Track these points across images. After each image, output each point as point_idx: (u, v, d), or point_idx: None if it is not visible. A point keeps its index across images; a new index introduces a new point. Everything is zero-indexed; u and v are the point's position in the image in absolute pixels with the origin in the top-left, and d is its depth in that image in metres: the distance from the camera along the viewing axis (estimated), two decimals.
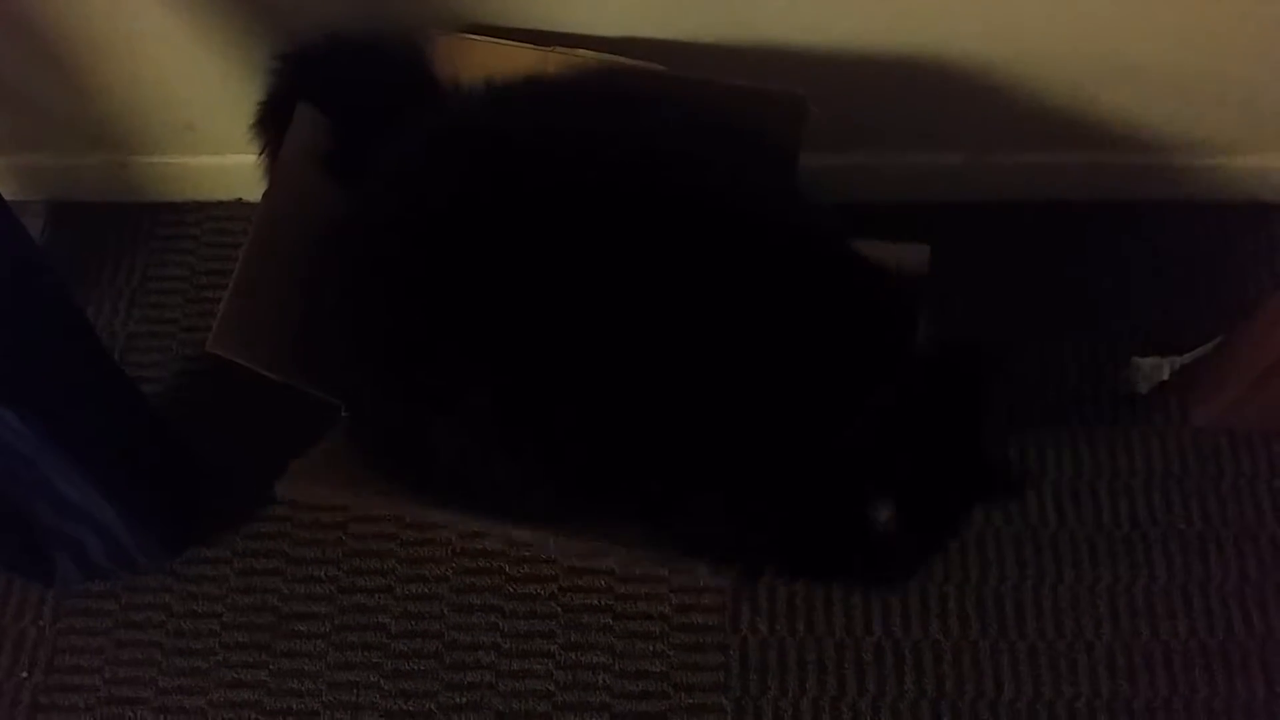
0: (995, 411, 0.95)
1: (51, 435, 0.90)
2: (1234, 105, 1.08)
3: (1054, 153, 1.16)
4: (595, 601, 1.07)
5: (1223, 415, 1.11)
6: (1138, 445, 1.12)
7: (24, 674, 1.06)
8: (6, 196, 0.87)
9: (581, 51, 0.98)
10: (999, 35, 1.00)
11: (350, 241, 0.89)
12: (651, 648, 1.06)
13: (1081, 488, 1.11)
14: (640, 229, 0.82)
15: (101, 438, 0.96)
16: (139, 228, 1.24)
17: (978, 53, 1.02)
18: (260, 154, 1.03)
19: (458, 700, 1.04)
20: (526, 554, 1.09)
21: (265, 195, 0.93)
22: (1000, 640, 1.05)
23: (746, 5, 0.97)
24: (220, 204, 1.24)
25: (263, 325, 0.90)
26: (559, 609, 1.07)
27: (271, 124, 1.02)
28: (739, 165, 0.92)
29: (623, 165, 0.85)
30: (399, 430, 0.88)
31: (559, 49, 0.98)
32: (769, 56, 1.01)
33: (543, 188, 0.84)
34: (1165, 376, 1.13)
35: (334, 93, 0.99)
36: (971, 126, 1.12)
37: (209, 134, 1.14)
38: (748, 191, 0.89)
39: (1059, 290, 1.19)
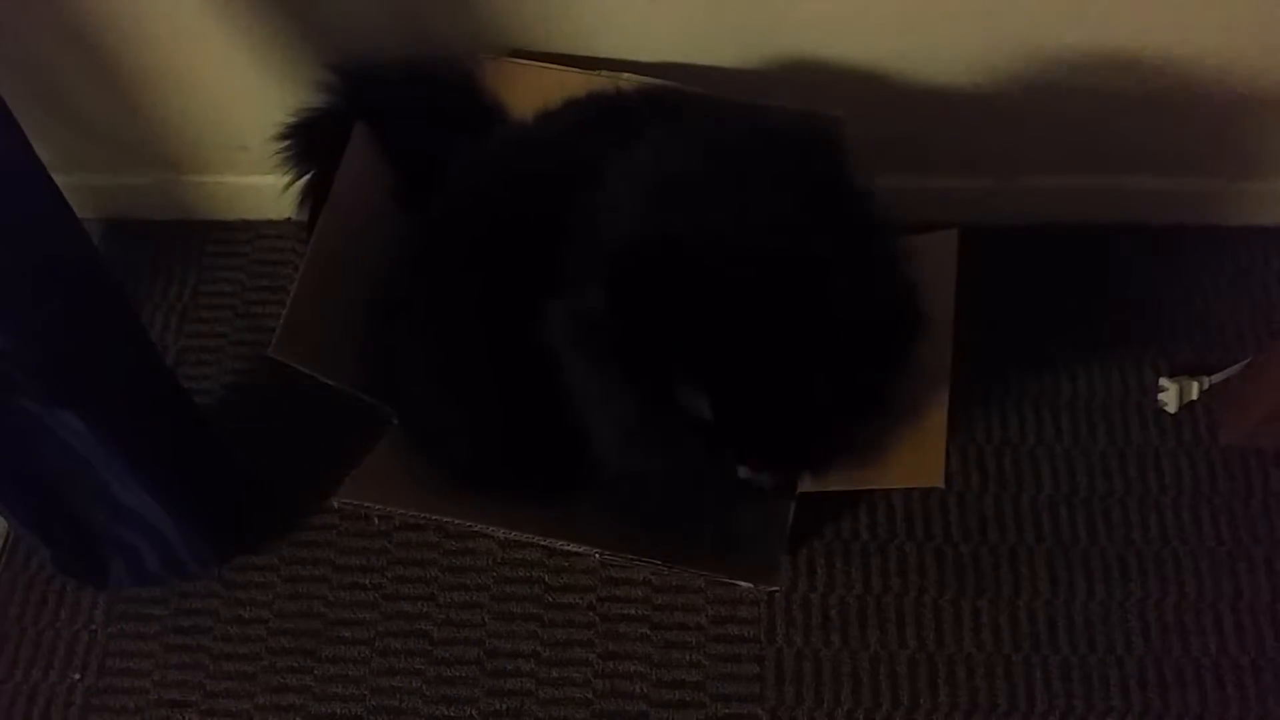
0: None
1: (110, 439, 0.94)
2: (1263, 130, 1.10)
3: (1084, 176, 1.18)
4: (633, 611, 1.09)
5: (1251, 434, 1.12)
6: (1167, 463, 1.14)
7: (76, 676, 1.09)
8: None
9: (626, 76, 1.01)
10: (1031, 60, 1.02)
11: (419, 265, 0.94)
12: (688, 657, 1.07)
13: (1112, 505, 1.12)
14: None
15: (157, 444, 1.00)
16: (191, 245, 1.28)
17: (1010, 77, 1.04)
18: (304, 169, 1.07)
19: (498, 707, 1.06)
20: (565, 564, 1.11)
21: (325, 210, 0.96)
22: (1033, 654, 1.06)
23: (785, 30, 1.00)
24: (270, 223, 1.28)
25: (320, 335, 0.93)
26: (597, 618, 1.09)
27: (321, 141, 1.05)
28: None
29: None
30: (454, 432, 0.91)
31: (604, 73, 1.01)
32: (806, 80, 1.04)
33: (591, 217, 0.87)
34: (1194, 396, 1.15)
35: (387, 114, 1.02)
36: (1003, 150, 1.14)
37: (261, 155, 1.17)
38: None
39: (1089, 311, 1.20)
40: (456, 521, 1.00)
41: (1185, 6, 0.96)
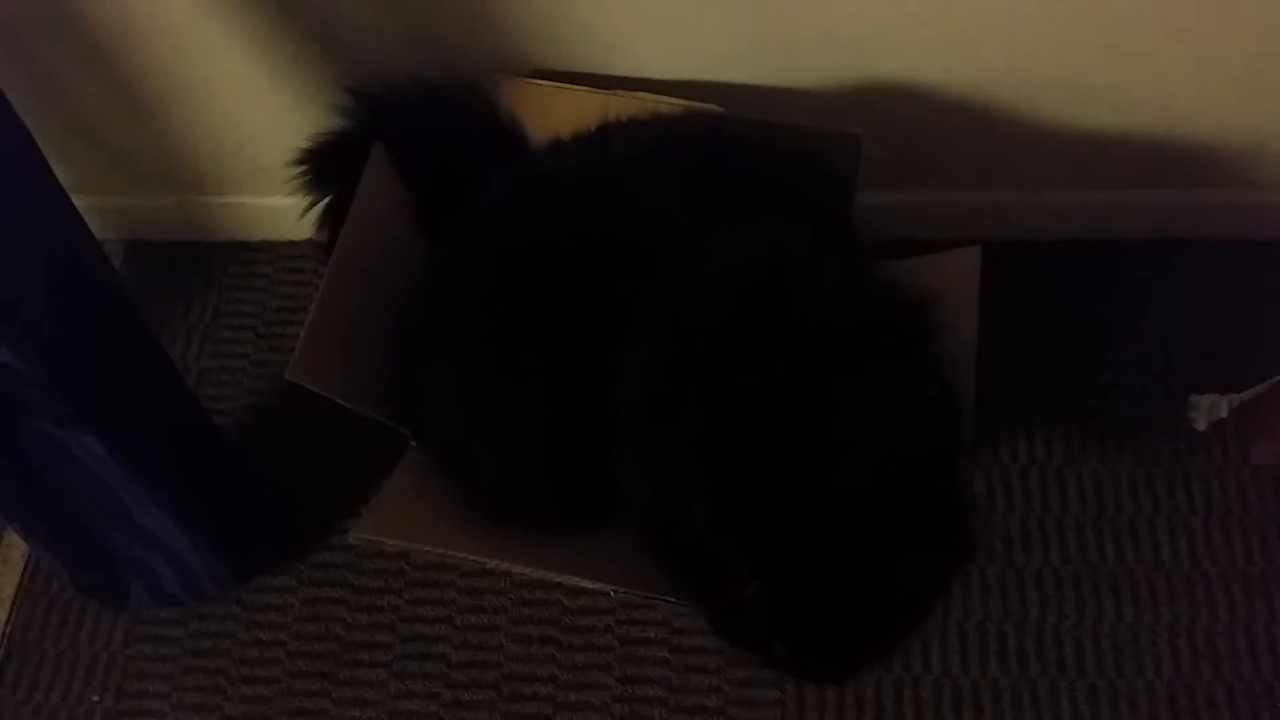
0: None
1: (130, 461, 0.94)
2: None
3: (1109, 191, 1.17)
4: (652, 635, 1.08)
5: None
6: (1197, 483, 1.12)
7: (95, 698, 1.09)
8: None
9: (643, 94, 1.00)
10: (1052, 75, 1.01)
11: (448, 291, 0.94)
12: (707, 682, 1.06)
13: (1140, 525, 1.10)
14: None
15: (177, 466, 1.00)
16: (212, 266, 1.29)
17: (1031, 92, 1.03)
18: (323, 191, 1.07)
19: None
20: (584, 586, 1.10)
21: (344, 231, 0.96)
22: (1060, 679, 1.04)
23: (803, 47, 1.00)
24: (291, 244, 1.28)
25: (338, 357, 0.92)
26: (615, 642, 1.08)
27: (340, 163, 1.05)
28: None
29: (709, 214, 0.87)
30: (483, 462, 0.92)
31: (621, 92, 1.01)
32: (824, 96, 1.03)
33: (624, 240, 0.87)
34: (1224, 414, 1.13)
35: (405, 135, 1.02)
36: (1025, 164, 1.13)
37: (281, 176, 1.17)
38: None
39: (1117, 327, 1.19)
40: (471, 559, 0.98)
41: (1211, 26, 0.95)
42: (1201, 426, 1.13)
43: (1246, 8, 0.94)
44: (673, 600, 0.90)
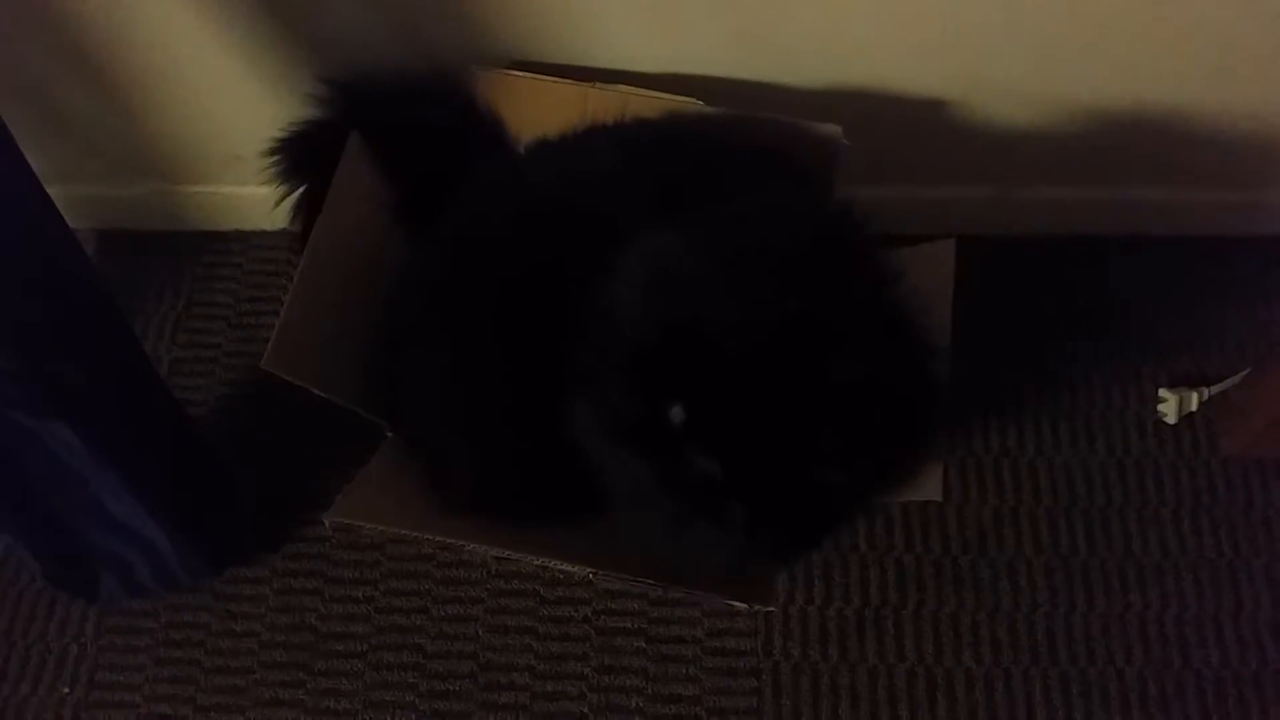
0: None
1: (103, 450, 0.93)
2: (1263, 141, 1.10)
3: (1083, 187, 1.18)
4: (629, 624, 1.08)
5: (1251, 445, 1.12)
6: (1167, 474, 1.13)
7: (66, 690, 1.08)
8: None
9: (621, 87, 1.00)
10: (1029, 73, 1.02)
11: (430, 291, 0.94)
12: (684, 671, 1.06)
13: (1111, 516, 1.11)
14: None
15: (149, 455, 0.99)
16: (185, 256, 1.28)
17: (1008, 89, 1.04)
18: (298, 181, 1.06)
19: None
20: (560, 576, 1.10)
21: (320, 220, 0.95)
22: (1032, 668, 1.06)
23: (782, 42, 1.00)
24: (264, 233, 1.27)
25: (313, 347, 0.92)
26: (593, 631, 1.08)
27: (315, 154, 1.04)
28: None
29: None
30: (459, 458, 0.92)
31: (599, 85, 1.01)
32: (804, 91, 1.04)
33: (594, 243, 0.86)
34: (1194, 407, 1.15)
35: (381, 126, 1.01)
36: (1001, 161, 1.14)
37: (256, 165, 1.17)
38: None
39: (1088, 322, 1.20)
40: (447, 540, 0.98)
41: (1186, 30, 0.96)
42: (1172, 419, 1.15)
43: (1218, 6, 0.95)
44: (650, 582, 0.91)
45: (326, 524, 0.94)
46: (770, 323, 0.74)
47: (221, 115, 1.13)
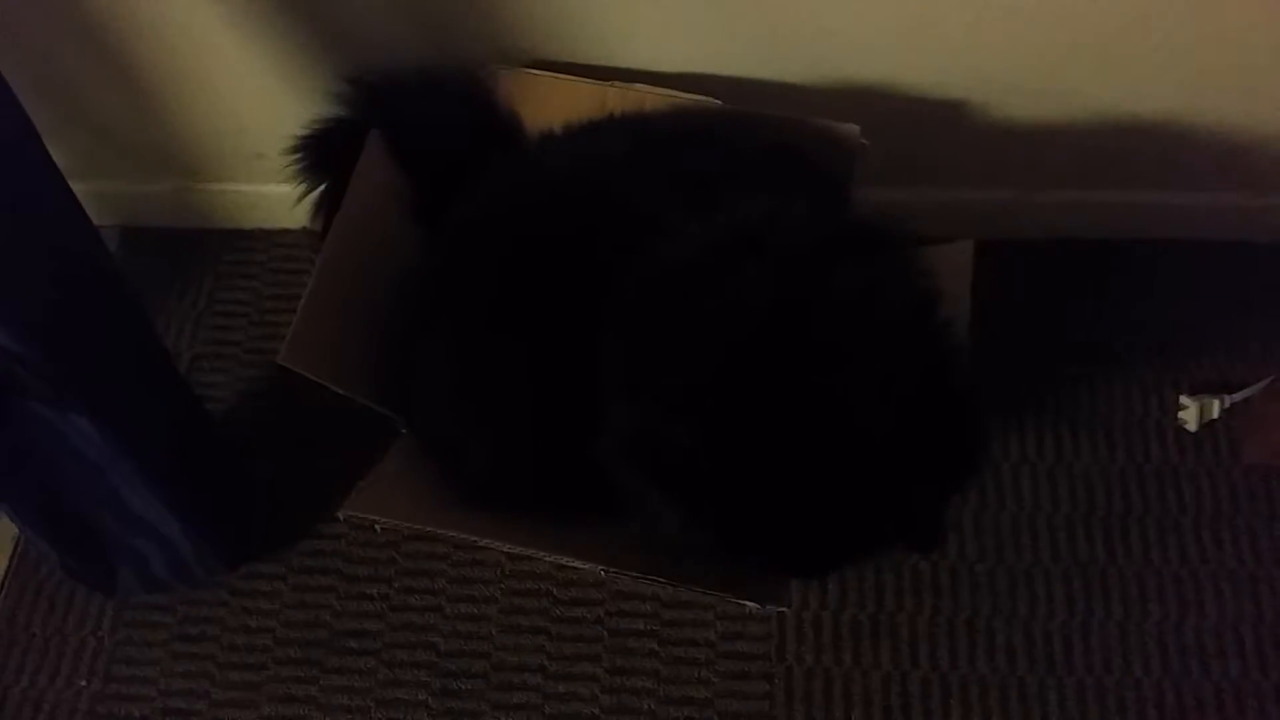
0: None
1: (122, 444, 0.94)
2: None
3: (1104, 191, 1.17)
4: (641, 626, 1.08)
5: (1273, 453, 1.10)
6: (1187, 483, 1.12)
7: (83, 682, 1.09)
8: None
9: (640, 86, 1.01)
10: (1049, 75, 1.02)
11: (444, 282, 0.94)
12: (697, 674, 1.06)
13: (1131, 524, 1.10)
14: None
15: (168, 450, 1.00)
16: (207, 253, 1.29)
17: (1029, 91, 1.04)
18: (319, 179, 1.07)
19: None
20: (574, 577, 1.10)
21: (339, 217, 0.96)
22: (1048, 676, 1.04)
23: (802, 42, 1.00)
24: (286, 231, 1.28)
25: (330, 343, 0.92)
26: (605, 633, 1.08)
27: (336, 152, 1.05)
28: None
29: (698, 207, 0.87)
30: (474, 452, 0.92)
31: (618, 84, 1.01)
32: (823, 91, 1.03)
33: (611, 235, 0.87)
34: (1215, 415, 1.13)
35: (401, 125, 1.02)
36: (1021, 163, 1.13)
37: (278, 163, 1.17)
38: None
39: (1109, 328, 1.19)
40: (461, 536, 0.99)
41: (1210, 34, 0.96)
42: (1193, 427, 1.14)
43: (1237, 12, 0.94)
44: (663, 581, 0.90)
45: (342, 518, 0.95)
46: (806, 384, 0.75)
47: (244, 113, 1.14)
